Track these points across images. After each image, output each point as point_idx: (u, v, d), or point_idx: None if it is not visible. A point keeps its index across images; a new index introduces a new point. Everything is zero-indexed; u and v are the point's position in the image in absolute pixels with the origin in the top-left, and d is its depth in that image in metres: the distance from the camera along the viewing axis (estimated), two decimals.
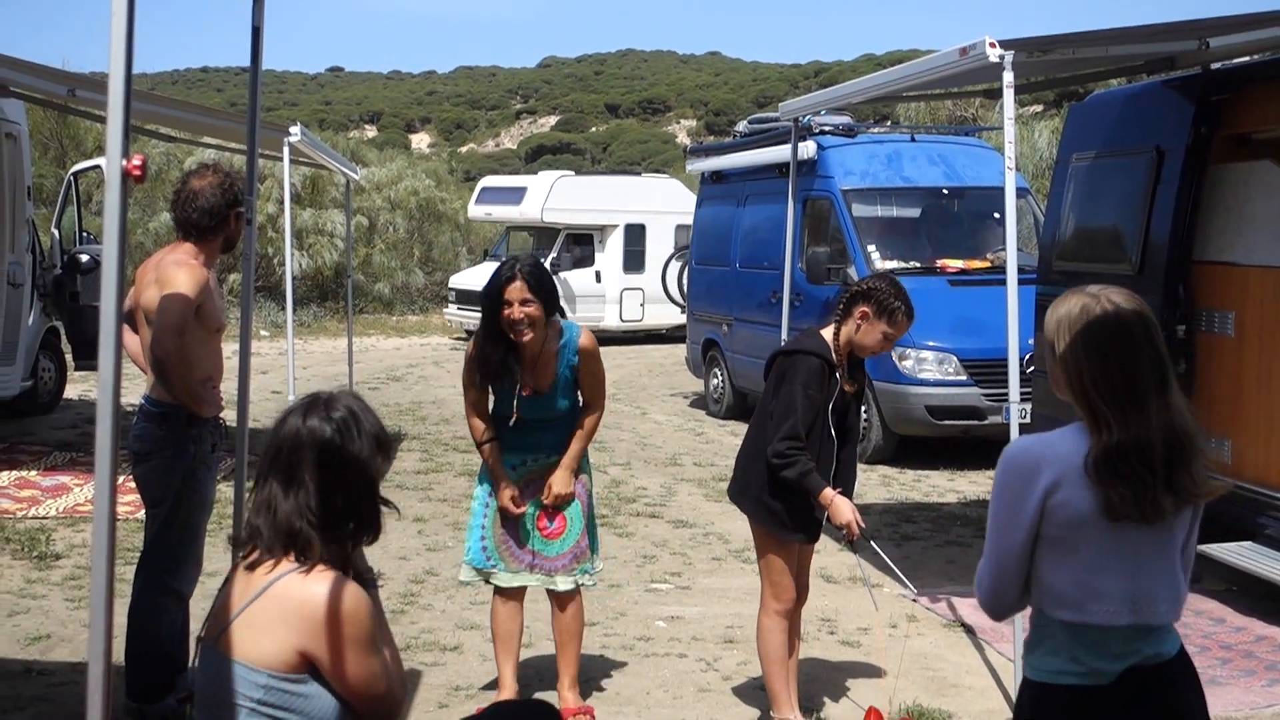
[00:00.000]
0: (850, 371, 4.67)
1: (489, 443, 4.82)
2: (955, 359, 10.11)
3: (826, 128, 11.59)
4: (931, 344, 10.08)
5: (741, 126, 13.71)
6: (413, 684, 5.11)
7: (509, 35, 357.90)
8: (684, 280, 15.33)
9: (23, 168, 11.14)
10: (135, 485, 4.74)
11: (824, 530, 4.72)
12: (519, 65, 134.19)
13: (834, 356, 4.56)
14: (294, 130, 9.71)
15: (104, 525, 2.39)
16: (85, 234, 12.26)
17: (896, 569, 6.00)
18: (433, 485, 9.37)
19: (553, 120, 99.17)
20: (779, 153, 11.48)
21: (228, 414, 4.99)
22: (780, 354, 4.71)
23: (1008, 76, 5.66)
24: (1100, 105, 8.34)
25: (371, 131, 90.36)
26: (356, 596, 2.60)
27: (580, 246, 20.53)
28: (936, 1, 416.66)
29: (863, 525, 4.46)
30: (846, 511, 4.43)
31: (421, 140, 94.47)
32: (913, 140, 12.22)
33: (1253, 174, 6.64)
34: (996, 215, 11.13)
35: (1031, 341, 7.61)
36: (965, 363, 10.09)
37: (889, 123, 18.49)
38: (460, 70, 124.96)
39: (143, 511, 4.80)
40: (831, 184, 11.34)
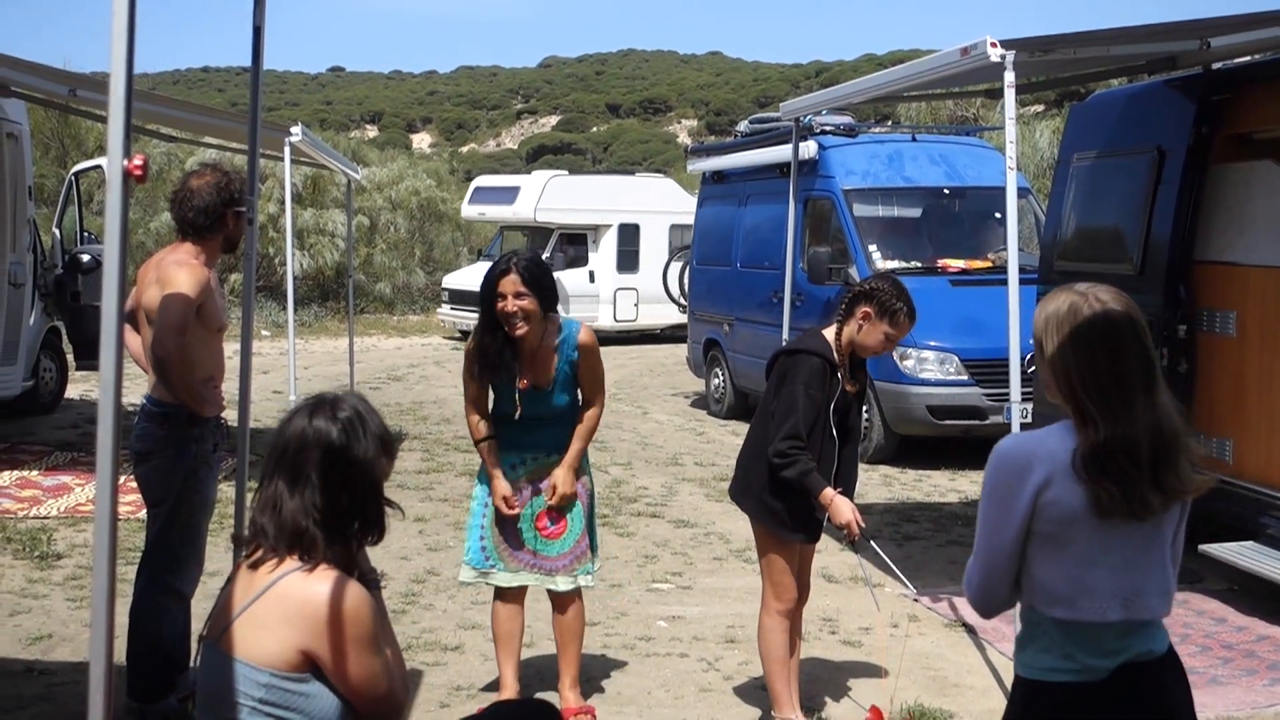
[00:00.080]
0: (852, 371, 4.67)
1: (487, 440, 4.82)
2: (956, 359, 10.11)
3: (828, 128, 11.59)
4: (933, 344, 10.08)
5: (743, 126, 13.71)
6: (414, 684, 5.11)
7: (510, 35, 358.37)
8: (685, 280, 15.33)
9: (24, 167, 11.14)
10: (137, 485, 4.74)
11: (825, 530, 4.72)
12: (520, 65, 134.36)
13: (836, 356, 4.56)
14: (295, 130, 9.73)
15: (105, 525, 2.39)
16: (86, 234, 12.26)
17: (897, 569, 6.01)
18: (434, 485, 9.37)
19: (554, 120, 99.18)
20: (780, 153, 11.47)
21: (229, 414, 4.98)
22: (782, 354, 4.71)
23: (1009, 76, 5.66)
24: (1101, 105, 8.34)
25: (373, 131, 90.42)
26: (358, 596, 2.60)
27: (574, 246, 20.41)
28: (938, 1, 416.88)
29: (863, 525, 4.46)
30: (846, 511, 4.43)
31: (423, 140, 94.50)
32: (914, 140, 12.20)
33: (1254, 174, 6.64)
34: (998, 215, 11.12)
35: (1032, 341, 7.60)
36: (966, 363, 10.09)
37: (890, 123, 18.47)
38: (461, 70, 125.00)
39: (144, 511, 4.80)
40: (833, 184, 11.34)
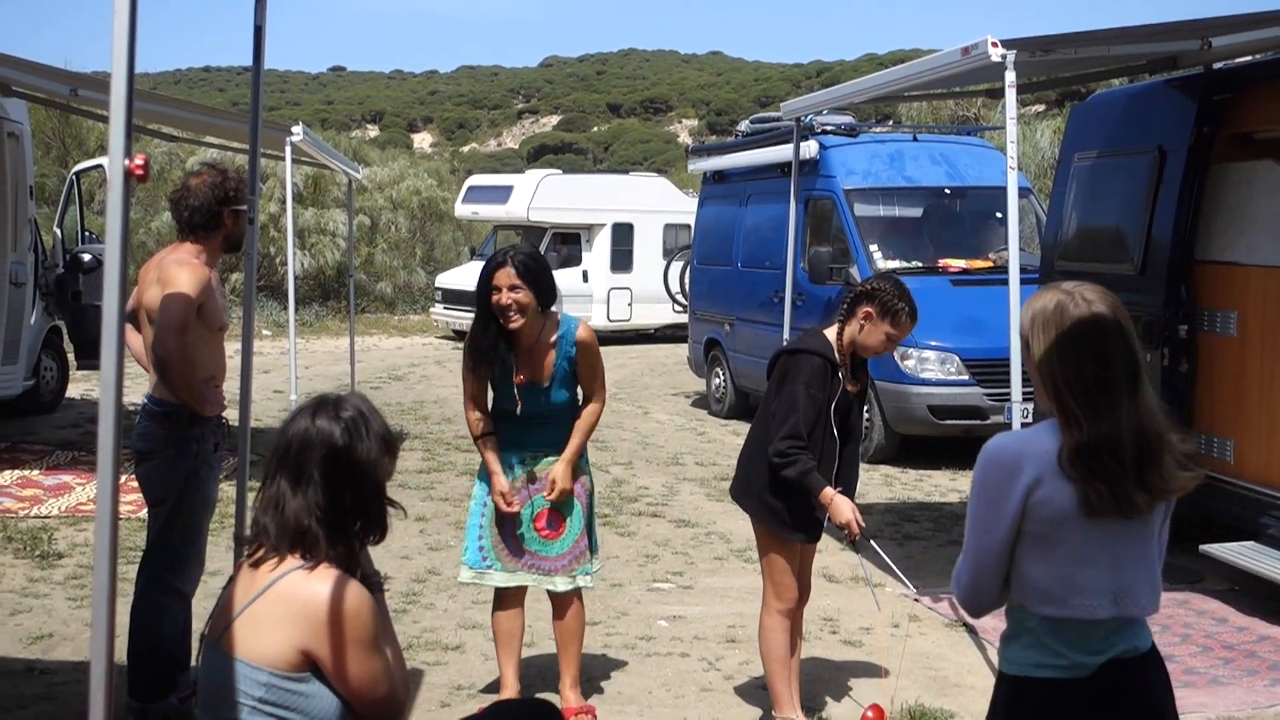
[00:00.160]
0: (853, 371, 4.67)
1: (485, 437, 4.81)
2: (957, 359, 10.11)
3: (828, 127, 11.59)
4: (934, 344, 10.08)
5: (743, 126, 13.71)
6: (415, 683, 5.11)
7: (511, 35, 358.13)
8: (685, 280, 15.33)
9: (25, 167, 11.14)
10: (138, 484, 4.74)
11: (826, 530, 4.72)
12: (521, 65, 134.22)
13: (837, 356, 4.56)
14: (296, 130, 9.74)
15: (106, 524, 2.39)
16: (87, 233, 12.26)
17: (897, 569, 6.00)
18: (435, 484, 9.37)
19: (555, 120, 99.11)
20: (781, 152, 11.47)
21: (230, 413, 4.98)
22: (783, 353, 4.72)
23: (1010, 76, 5.67)
24: (1102, 105, 8.34)
25: (373, 131, 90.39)
26: (359, 596, 2.60)
27: (567, 246, 20.30)
28: (938, 1, 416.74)
29: (863, 525, 4.46)
30: (846, 511, 4.43)
31: (423, 140, 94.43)
32: (915, 140, 12.20)
33: (1255, 173, 6.64)
34: (999, 215, 11.11)
35: None
36: (967, 362, 10.09)
37: (891, 122, 18.46)
38: (462, 70, 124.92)
39: (145, 510, 4.80)
40: (834, 184, 11.34)
